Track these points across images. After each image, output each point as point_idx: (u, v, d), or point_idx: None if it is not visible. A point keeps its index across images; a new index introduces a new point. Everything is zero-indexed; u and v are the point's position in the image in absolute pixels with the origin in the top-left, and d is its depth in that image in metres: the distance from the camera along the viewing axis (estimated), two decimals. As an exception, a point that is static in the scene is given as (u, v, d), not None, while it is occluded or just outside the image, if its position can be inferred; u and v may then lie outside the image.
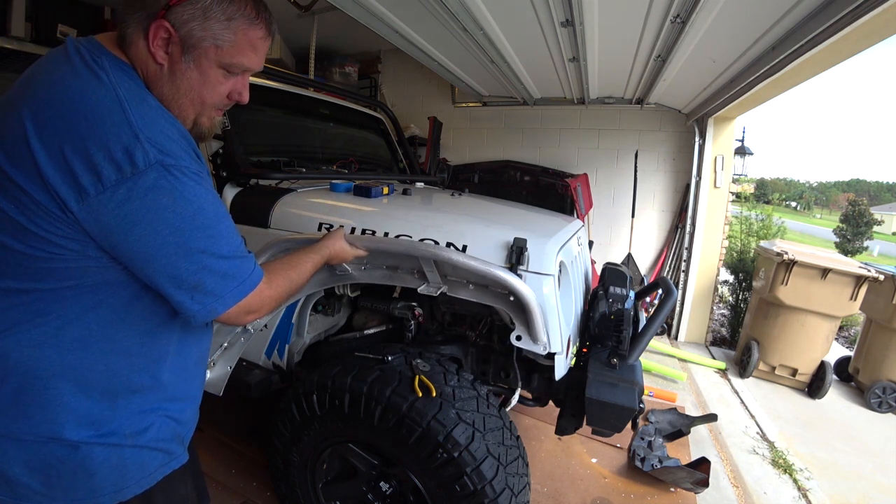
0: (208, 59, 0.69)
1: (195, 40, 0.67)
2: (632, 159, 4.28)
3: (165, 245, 0.64)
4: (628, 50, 2.67)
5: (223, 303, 0.72)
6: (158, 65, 0.68)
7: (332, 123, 2.50)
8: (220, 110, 0.79)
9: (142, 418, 0.75)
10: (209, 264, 0.68)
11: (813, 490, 2.18)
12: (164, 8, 0.65)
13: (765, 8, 1.88)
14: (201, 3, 0.66)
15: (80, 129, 0.58)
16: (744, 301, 4.32)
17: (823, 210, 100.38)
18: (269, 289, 0.81)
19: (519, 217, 1.87)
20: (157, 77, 0.69)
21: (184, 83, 0.70)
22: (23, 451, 0.67)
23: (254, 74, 0.83)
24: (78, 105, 0.60)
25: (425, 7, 2.24)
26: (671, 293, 1.56)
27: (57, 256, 0.62)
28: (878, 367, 3.23)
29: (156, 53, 0.67)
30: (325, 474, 1.48)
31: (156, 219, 0.62)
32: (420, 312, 1.60)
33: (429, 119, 4.74)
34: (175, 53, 0.67)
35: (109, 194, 0.59)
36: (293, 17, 3.60)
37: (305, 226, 1.51)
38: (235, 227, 0.76)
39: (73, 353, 0.67)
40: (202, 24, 0.66)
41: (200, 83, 0.71)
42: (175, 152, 0.63)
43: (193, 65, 0.69)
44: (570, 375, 1.48)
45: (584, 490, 2.01)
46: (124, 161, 0.59)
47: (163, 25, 0.65)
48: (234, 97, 0.77)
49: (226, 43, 0.69)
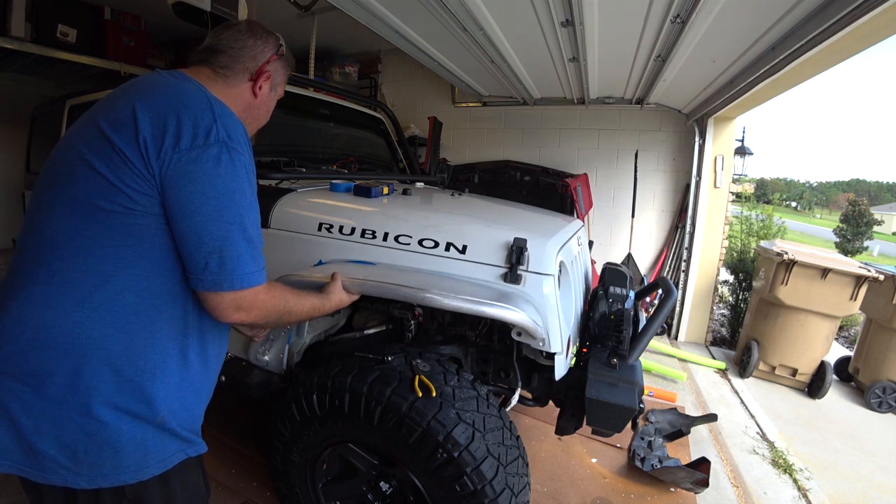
0: (276, 91, 1.06)
1: (278, 80, 1.05)
2: (632, 159, 4.28)
3: (206, 205, 0.76)
4: (628, 50, 2.67)
5: (228, 282, 0.79)
6: (255, 97, 0.99)
7: (332, 123, 2.50)
8: None
9: (170, 402, 0.82)
10: (233, 237, 0.79)
11: (813, 490, 2.18)
12: (267, 62, 0.99)
13: (765, 8, 1.88)
14: (283, 59, 1.05)
15: (178, 104, 0.78)
16: (744, 301, 4.32)
17: (823, 210, 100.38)
18: (265, 295, 0.86)
19: (519, 217, 1.87)
20: (251, 105, 1.00)
21: (264, 108, 1.04)
22: (55, 427, 0.73)
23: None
24: (176, 91, 0.81)
25: (425, 7, 2.24)
26: (671, 293, 1.56)
27: (129, 211, 0.75)
28: (878, 367, 3.23)
29: (257, 92, 0.99)
30: (325, 474, 1.48)
31: (208, 182, 0.76)
32: (420, 312, 1.60)
33: (429, 119, 4.74)
34: (265, 90, 1.01)
35: (184, 154, 0.75)
36: (293, 17, 3.60)
37: (305, 226, 1.51)
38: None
39: (125, 319, 0.77)
40: (282, 72, 1.06)
41: (269, 107, 1.06)
42: (240, 141, 0.82)
43: (273, 95, 1.05)
44: (570, 375, 1.48)
45: (584, 490, 2.00)
46: (202, 132, 0.77)
47: (268, 73, 0.99)
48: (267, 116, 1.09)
49: (284, 81, 1.09)
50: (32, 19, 2.82)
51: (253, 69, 0.97)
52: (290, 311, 0.95)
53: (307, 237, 1.51)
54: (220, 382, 1.49)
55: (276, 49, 1.01)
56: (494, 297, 1.24)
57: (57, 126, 2.61)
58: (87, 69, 3.20)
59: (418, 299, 1.24)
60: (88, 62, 3.11)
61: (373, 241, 1.44)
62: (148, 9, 3.46)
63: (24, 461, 0.74)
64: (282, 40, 1.04)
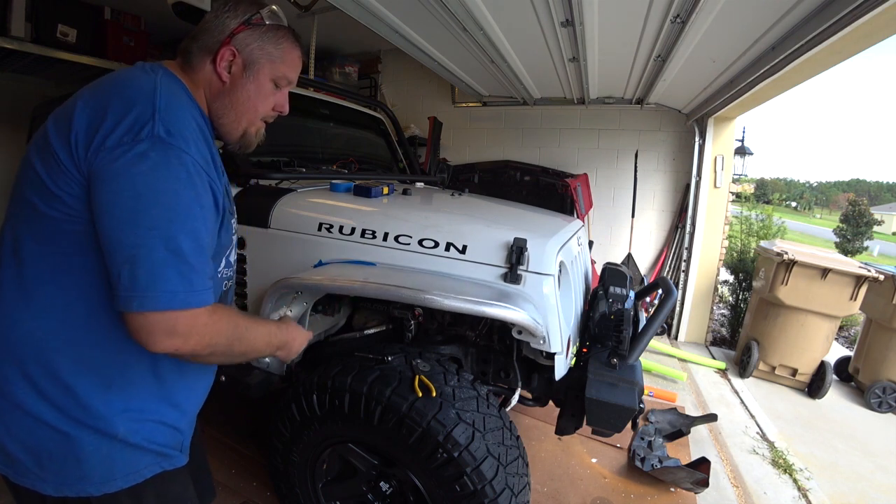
0: (264, 73, 0.84)
1: (254, 58, 0.83)
2: (632, 159, 4.28)
3: (120, 207, 0.65)
4: (628, 50, 2.67)
5: (139, 300, 0.65)
6: (222, 82, 0.82)
7: (332, 123, 2.50)
8: (265, 122, 0.91)
9: (133, 416, 0.75)
10: (150, 245, 0.65)
11: (813, 490, 2.18)
12: (230, 35, 0.81)
13: (765, 8, 1.88)
14: (258, 30, 0.82)
15: (117, 97, 0.69)
16: (744, 301, 4.32)
17: (823, 210, 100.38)
18: (207, 319, 0.71)
19: (519, 217, 1.87)
20: (220, 93, 0.83)
21: (242, 95, 0.84)
22: (22, 430, 0.71)
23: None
24: (120, 84, 0.72)
25: (425, 7, 2.24)
26: (671, 293, 1.57)
27: (70, 217, 0.69)
28: (878, 367, 3.23)
29: (222, 73, 0.81)
30: (325, 474, 1.48)
31: (127, 181, 0.65)
32: (420, 312, 1.60)
33: (429, 119, 4.74)
34: (237, 72, 0.83)
35: (109, 150, 0.65)
36: (293, 17, 3.59)
37: (305, 226, 1.51)
38: (210, 245, 0.76)
39: (76, 331, 0.72)
40: (260, 45, 0.83)
41: (256, 94, 0.85)
42: (183, 137, 0.70)
43: (252, 78, 0.84)
44: (570, 375, 1.48)
45: (584, 490, 2.00)
46: (135, 127, 0.66)
47: (230, 49, 0.81)
48: (279, 108, 0.90)
49: (277, 59, 0.85)
50: (32, 19, 2.82)
51: (213, 47, 0.80)
52: (242, 342, 0.79)
53: (307, 237, 1.50)
54: (220, 382, 1.49)
55: (245, 18, 0.81)
56: (495, 297, 1.24)
57: (57, 126, 2.61)
58: (87, 69, 3.19)
59: (419, 300, 1.24)
60: (88, 62, 3.11)
61: (373, 241, 1.44)
62: (148, 9, 3.45)
63: (2, 460, 0.73)
64: (268, 9, 0.85)
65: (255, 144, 0.92)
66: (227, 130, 0.86)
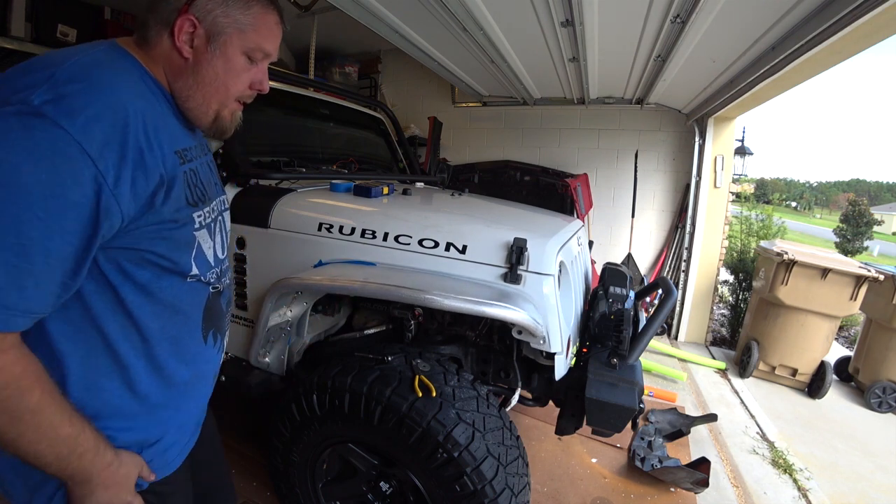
0: (233, 45, 0.71)
1: (219, 27, 0.69)
2: (632, 159, 4.28)
3: None
4: (628, 50, 2.67)
5: None
6: (184, 59, 0.69)
7: (332, 123, 2.50)
8: (241, 103, 0.79)
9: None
10: None
11: (813, 490, 2.18)
12: (187, 3, 0.67)
13: (765, 8, 1.88)
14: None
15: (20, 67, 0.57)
16: (744, 301, 4.32)
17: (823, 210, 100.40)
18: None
19: (519, 217, 1.87)
20: (182, 71, 0.70)
21: (209, 73, 0.71)
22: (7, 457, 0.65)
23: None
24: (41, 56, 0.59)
25: (425, 7, 2.24)
26: (671, 293, 1.57)
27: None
28: (878, 367, 3.23)
29: (182, 48, 0.68)
30: (325, 474, 1.48)
31: None
32: (420, 312, 1.60)
33: (429, 119, 4.74)
34: (200, 45, 0.69)
35: None
36: (293, 17, 3.60)
37: (305, 226, 1.51)
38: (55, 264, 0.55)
39: (63, 344, 0.63)
40: (224, 11, 0.69)
41: (225, 71, 0.72)
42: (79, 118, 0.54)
43: (219, 52, 0.70)
44: (570, 375, 1.48)
45: (584, 490, 2.00)
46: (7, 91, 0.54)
47: (188, 19, 0.67)
48: (256, 86, 0.77)
49: (248, 27, 0.71)
50: (32, 19, 2.82)
51: (170, 17, 0.67)
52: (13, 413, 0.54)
53: (307, 237, 1.50)
54: (221, 382, 1.49)
55: None
56: (495, 297, 1.24)
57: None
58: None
59: (419, 300, 1.24)
60: (88, 62, 3.11)
61: (373, 241, 1.44)
62: (148, 9, 3.46)
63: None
64: None
65: (232, 130, 0.79)
66: (195, 115, 0.73)
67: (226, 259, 0.86)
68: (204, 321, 0.80)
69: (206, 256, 0.76)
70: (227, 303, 0.89)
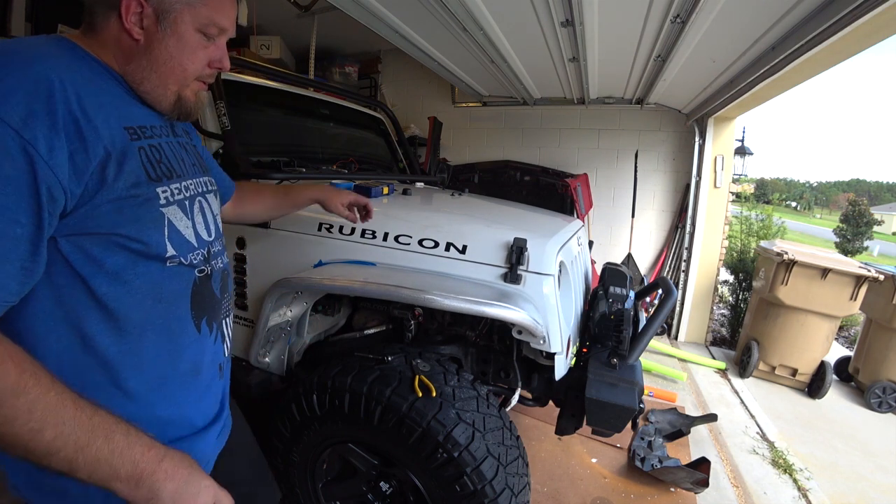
0: (184, 21, 0.68)
1: (167, 4, 0.66)
2: (632, 159, 4.28)
3: None
4: (628, 50, 2.67)
5: None
6: (135, 41, 0.67)
7: (332, 123, 2.50)
8: (203, 83, 0.76)
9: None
10: None
11: (813, 490, 2.18)
12: None
13: (765, 8, 1.88)
14: None
15: None
16: (744, 301, 4.32)
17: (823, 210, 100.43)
18: None
19: (519, 217, 1.87)
20: (133, 53, 0.67)
21: (163, 53, 0.68)
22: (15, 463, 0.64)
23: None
24: None
25: (425, 7, 2.24)
26: (671, 293, 1.57)
27: None
28: (878, 367, 3.23)
29: (131, 30, 0.65)
30: (325, 474, 1.48)
31: None
32: (420, 312, 1.60)
33: (429, 119, 4.74)
34: (150, 26, 0.66)
35: None
36: (293, 17, 3.60)
37: (305, 226, 1.51)
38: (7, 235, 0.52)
39: (38, 348, 0.60)
40: None
41: (179, 49, 0.69)
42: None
43: (171, 31, 0.67)
44: (570, 375, 1.48)
45: (584, 490, 2.00)
46: None
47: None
48: (216, 64, 0.75)
49: (197, 1, 0.68)
50: (32, 19, 2.82)
51: (116, 1, 0.64)
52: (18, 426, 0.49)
53: (307, 237, 1.51)
54: (220, 382, 1.49)
55: None
56: (495, 297, 1.24)
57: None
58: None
59: (419, 300, 1.24)
60: (88, 62, 3.12)
61: (373, 241, 1.44)
62: (148, 9, 3.46)
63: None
64: None
65: (198, 111, 0.78)
66: (153, 98, 0.71)
67: (216, 242, 0.82)
68: (193, 309, 0.75)
69: (183, 236, 0.72)
70: (220, 288, 0.83)
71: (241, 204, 1.16)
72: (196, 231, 0.75)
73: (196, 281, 0.75)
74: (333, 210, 1.25)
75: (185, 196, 0.74)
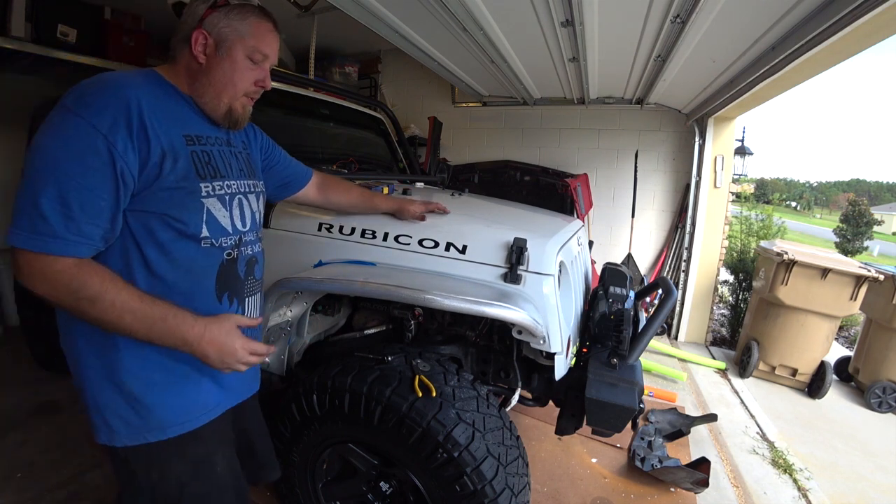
0: (236, 49, 0.90)
1: (224, 36, 0.89)
2: (632, 159, 4.28)
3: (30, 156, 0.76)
4: (628, 50, 2.67)
5: (12, 233, 0.75)
6: (199, 64, 0.90)
7: (332, 123, 2.50)
8: (250, 98, 0.97)
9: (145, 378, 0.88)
10: (25, 189, 0.74)
11: (813, 490, 2.18)
12: (200, 20, 0.88)
13: (765, 8, 1.88)
14: (223, 10, 0.89)
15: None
16: (744, 301, 4.32)
17: (823, 210, 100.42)
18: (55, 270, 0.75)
19: (519, 217, 1.87)
20: (198, 73, 0.90)
21: (219, 73, 0.90)
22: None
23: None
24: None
25: (425, 7, 2.24)
26: (671, 293, 1.56)
27: None
28: (878, 367, 3.23)
29: (198, 55, 0.89)
30: (325, 474, 1.48)
31: (39, 134, 0.77)
32: (420, 312, 1.60)
33: (429, 119, 4.74)
34: (211, 52, 0.89)
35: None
36: (293, 17, 3.60)
37: (305, 226, 1.51)
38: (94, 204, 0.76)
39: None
40: (227, 23, 0.89)
41: (232, 70, 0.91)
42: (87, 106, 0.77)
43: (226, 56, 0.90)
44: (570, 375, 1.48)
45: (584, 490, 2.00)
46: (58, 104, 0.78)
47: (201, 33, 0.88)
48: (260, 83, 0.96)
49: (246, 34, 0.90)
50: (32, 19, 2.81)
51: (188, 33, 0.89)
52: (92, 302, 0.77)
53: (307, 237, 1.51)
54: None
55: (211, 2, 0.89)
56: (495, 297, 1.24)
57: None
58: (88, 69, 3.19)
59: (419, 300, 1.24)
60: (88, 62, 3.10)
61: (373, 241, 1.44)
62: (148, 9, 3.45)
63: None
64: None
65: (245, 121, 0.99)
66: (210, 108, 0.92)
67: (249, 233, 1.01)
68: (217, 283, 0.94)
69: (219, 223, 0.92)
70: (245, 271, 1.01)
71: (326, 192, 1.37)
72: (232, 221, 0.96)
73: (223, 262, 0.95)
74: (409, 219, 1.44)
75: (227, 192, 0.95)
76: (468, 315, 1.61)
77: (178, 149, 0.85)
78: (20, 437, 2.10)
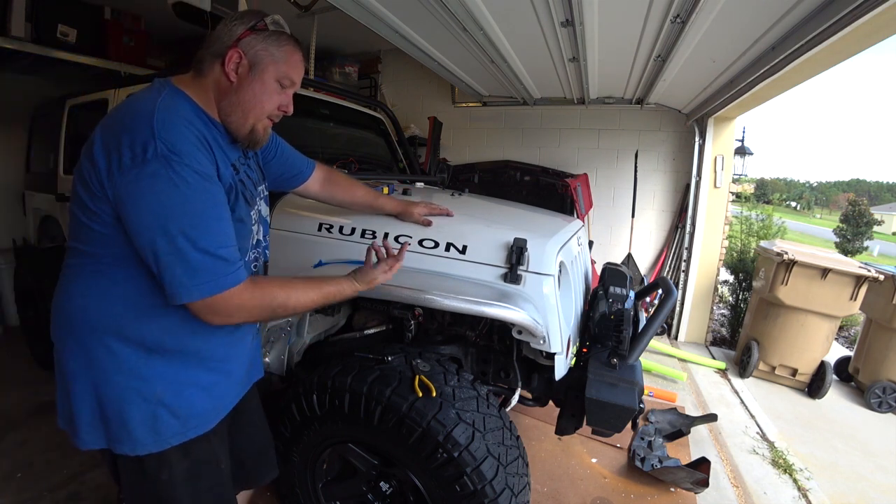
0: (268, 72, 0.92)
1: (259, 58, 0.91)
2: (632, 159, 4.28)
3: (152, 222, 0.78)
4: (628, 50, 2.67)
5: (186, 293, 0.81)
6: (230, 82, 0.91)
7: (332, 123, 2.50)
8: (272, 120, 0.99)
9: (170, 383, 0.91)
10: (183, 248, 0.79)
11: (813, 490, 2.18)
12: (237, 40, 0.89)
13: (765, 8, 1.88)
14: (262, 34, 0.91)
15: (121, 124, 0.81)
16: (744, 301, 4.32)
17: (823, 210, 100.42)
18: (247, 294, 0.86)
19: (519, 217, 1.87)
20: (227, 92, 0.91)
21: (249, 93, 0.92)
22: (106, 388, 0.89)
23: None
24: (126, 110, 0.83)
25: (425, 7, 2.24)
26: (671, 293, 1.56)
27: (100, 222, 0.83)
28: (878, 367, 3.23)
29: (229, 74, 0.90)
30: (325, 474, 1.48)
31: (151, 199, 0.78)
32: (420, 312, 1.60)
33: (429, 119, 4.74)
34: (244, 72, 0.91)
35: (125, 174, 0.77)
36: (293, 17, 3.59)
37: (305, 226, 1.51)
38: (230, 232, 0.86)
39: (116, 306, 0.87)
40: (264, 46, 0.91)
41: (261, 92, 0.92)
42: (184, 151, 0.79)
43: (258, 77, 0.91)
44: (570, 375, 1.48)
45: (584, 490, 2.00)
46: (139, 151, 0.77)
47: (237, 52, 0.89)
48: (283, 108, 0.98)
49: (280, 59, 0.92)
50: (32, 19, 2.81)
51: (222, 51, 0.89)
52: (283, 306, 0.92)
53: (307, 237, 1.51)
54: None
55: (250, 24, 0.90)
56: (495, 297, 1.24)
57: (57, 126, 2.61)
58: (88, 69, 3.19)
59: (419, 300, 1.24)
60: (88, 62, 3.11)
61: (373, 241, 1.44)
62: (148, 9, 3.45)
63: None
64: (271, 17, 0.93)
65: (264, 142, 1.00)
66: (235, 127, 0.93)
67: (264, 239, 1.09)
68: None
69: (250, 241, 1.02)
70: (251, 273, 1.07)
71: (331, 188, 1.38)
72: (256, 235, 1.06)
73: (250, 272, 1.03)
74: (412, 221, 1.45)
75: (255, 209, 1.04)
76: (468, 315, 1.61)
77: (234, 182, 0.93)
78: (20, 437, 2.10)
